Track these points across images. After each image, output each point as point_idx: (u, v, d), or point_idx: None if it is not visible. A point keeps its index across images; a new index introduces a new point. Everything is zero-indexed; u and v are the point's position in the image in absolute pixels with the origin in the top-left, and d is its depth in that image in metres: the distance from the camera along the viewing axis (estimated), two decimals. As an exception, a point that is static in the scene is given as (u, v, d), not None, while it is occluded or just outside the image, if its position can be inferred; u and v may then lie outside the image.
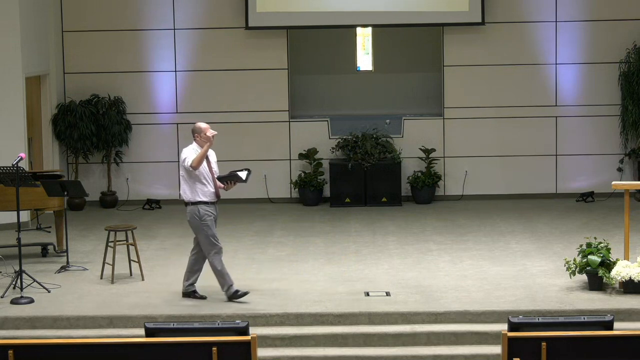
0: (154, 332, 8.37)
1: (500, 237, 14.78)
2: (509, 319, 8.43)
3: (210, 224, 11.59)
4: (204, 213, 11.56)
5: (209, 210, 11.60)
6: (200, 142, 11.65)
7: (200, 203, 11.57)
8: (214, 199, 11.68)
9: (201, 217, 11.56)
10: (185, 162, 11.53)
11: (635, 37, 17.49)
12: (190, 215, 11.61)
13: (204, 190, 11.61)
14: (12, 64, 15.88)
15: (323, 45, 18.62)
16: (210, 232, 11.60)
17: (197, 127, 11.71)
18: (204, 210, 11.56)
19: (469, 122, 17.86)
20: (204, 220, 11.57)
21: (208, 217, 11.58)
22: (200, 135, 11.64)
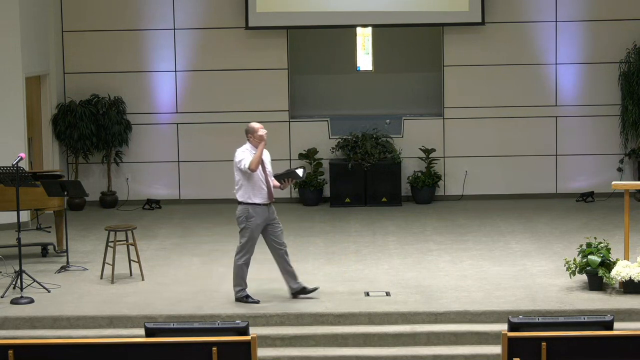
0: (154, 332, 8.37)
1: (500, 237, 14.78)
2: (509, 319, 8.43)
3: (253, 227, 11.46)
4: (252, 215, 11.43)
5: (258, 213, 11.44)
6: (253, 142, 11.54)
7: (252, 204, 11.46)
8: (268, 200, 11.54)
9: (248, 219, 11.47)
10: (241, 164, 11.41)
11: (635, 37, 17.49)
12: (239, 214, 11.51)
13: (257, 191, 11.50)
14: (12, 64, 15.88)
15: (323, 45, 18.62)
16: (250, 235, 11.49)
17: (250, 127, 11.60)
18: (253, 213, 11.43)
19: (469, 122, 17.86)
20: (249, 223, 11.46)
21: (253, 223, 11.45)
22: (253, 135, 11.53)
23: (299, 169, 11.69)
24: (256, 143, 11.56)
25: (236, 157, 11.56)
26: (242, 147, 11.62)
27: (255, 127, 11.60)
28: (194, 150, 17.92)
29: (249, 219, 11.48)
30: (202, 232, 15.55)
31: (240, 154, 11.54)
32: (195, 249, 14.37)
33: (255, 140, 11.56)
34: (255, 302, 11.55)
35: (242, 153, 11.54)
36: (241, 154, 11.54)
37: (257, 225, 11.50)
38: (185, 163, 17.96)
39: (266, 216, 11.53)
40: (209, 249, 14.35)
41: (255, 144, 11.57)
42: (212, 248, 14.44)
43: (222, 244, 14.65)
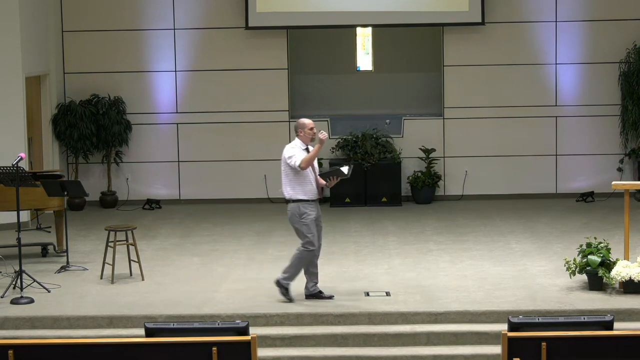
0: (154, 332, 8.37)
1: (500, 237, 14.78)
2: (509, 319, 8.43)
3: (309, 223, 11.43)
4: (304, 212, 11.40)
5: (309, 209, 11.42)
6: (303, 138, 11.46)
7: (301, 201, 11.42)
8: (316, 197, 11.50)
9: (301, 216, 11.43)
10: (292, 161, 11.32)
11: (635, 37, 17.49)
12: (291, 212, 11.47)
13: (306, 188, 11.43)
14: (12, 64, 15.89)
15: (323, 45, 18.62)
16: (308, 231, 11.45)
17: (300, 122, 11.53)
18: (305, 209, 11.40)
19: (469, 122, 17.86)
20: (304, 219, 11.43)
21: (308, 217, 11.42)
22: (303, 130, 11.46)
23: (344, 166, 11.56)
24: (306, 139, 11.46)
25: (285, 153, 11.44)
26: (291, 143, 11.54)
27: (305, 122, 11.49)
28: (194, 150, 17.93)
29: (302, 216, 11.43)
30: (202, 232, 15.55)
31: (289, 150, 11.43)
32: (195, 249, 14.37)
33: (305, 136, 11.46)
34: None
35: (291, 149, 11.43)
36: (291, 150, 11.43)
37: (311, 220, 11.44)
38: (185, 163, 17.96)
39: (316, 212, 11.49)
40: (209, 249, 14.35)
41: (304, 139, 11.46)
42: (212, 248, 14.44)
43: (222, 244, 14.65)
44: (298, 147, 11.45)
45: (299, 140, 11.51)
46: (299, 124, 11.54)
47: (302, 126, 11.50)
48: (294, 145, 11.50)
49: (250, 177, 17.90)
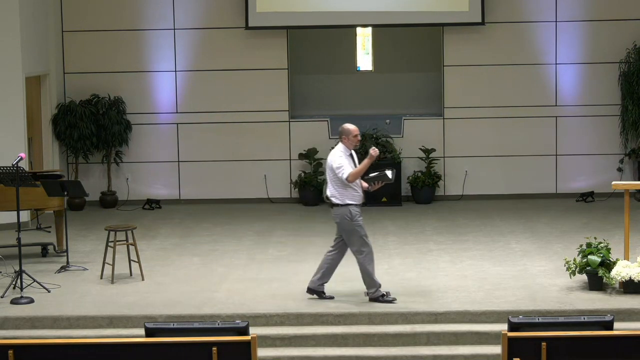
0: (154, 332, 8.37)
1: (500, 237, 14.78)
2: (509, 319, 8.43)
3: (362, 223, 11.39)
4: (355, 213, 11.35)
5: (358, 211, 11.39)
6: (347, 143, 11.39)
7: (350, 205, 11.36)
8: (362, 201, 11.49)
9: (353, 218, 11.37)
10: (340, 172, 11.25)
11: (635, 37, 17.49)
12: (340, 217, 11.39)
13: (353, 193, 11.38)
14: (12, 64, 15.89)
15: (323, 45, 18.63)
16: (363, 232, 11.41)
17: (344, 128, 11.43)
18: (355, 211, 11.36)
19: (469, 122, 17.86)
20: (356, 220, 11.37)
21: (359, 217, 11.38)
22: (348, 137, 11.37)
23: (388, 170, 11.50)
24: (350, 145, 11.39)
25: (333, 161, 11.33)
26: (337, 150, 11.43)
27: (350, 129, 11.39)
28: (194, 150, 17.93)
29: (353, 219, 11.37)
30: (202, 232, 15.55)
31: (337, 160, 11.32)
32: (195, 249, 14.37)
33: (349, 142, 11.39)
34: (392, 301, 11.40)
35: (339, 158, 11.31)
36: (338, 159, 11.31)
37: (362, 220, 11.43)
38: (185, 163, 17.96)
39: (361, 215, 11.45)
40: (209, 249, 14.35)
41: (348, 145, 11.39)
42: (212, 248, 14.44)
43: (222, 244, 14.65)
44: (344, 155, 11.34)
45: (342, 146, 11.42)
46: (343, 130, 11.43)
47: (346, 132, 11.40)
48: (340, 151, 11.38)
49: (250, 177, 17.90)
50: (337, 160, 11.33)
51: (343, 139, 11.43)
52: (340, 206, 11.40)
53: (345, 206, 11.37)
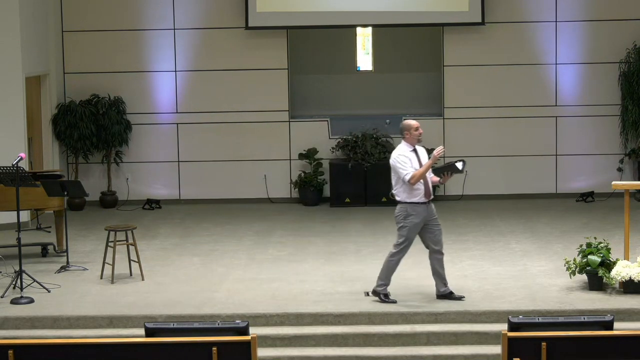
0: (154, 332, 8.37)
1: (500, 237, 14.78)
2: (509, 319, 8.43)
3: (411, 227, 11.29)
4: (411, 214, 11.27)
5: (417, 211, 11.27)
6: (409, 140, 11.32)
7: (411, 203, 11.28)
8: (426, 199, 11.35)
9: (406, 218, 11.30)
10: (402, 174, 11.19)
11: (635, 37, 17.49)
12: (399, 211, 11.34)
13: (417, 191, 11.28)
14: (12, 64, 15.89)
15: (323, 45, 18.63)
16: (407, 234, 11.33)
17: (405, 124, 11.37)
18: (412, 211, 11.26)
19: (469, 122, 17.86)
20: (407, 221, 11.30)
21: (412, 221, 11.29)
22: (409, 132, 11.31)
23: (458, 162, 11.40)
24: (412, 140, 11.32)
25: (397, 161, 11.27)
26: (399, 148, 11.35)
27: (411, 123, 11.33)
28: (194, 150, 17.93)
29: (406, 218, 11.31)
30: (202, 232, 15.55)
31: (400, 159, 11.25)
32: (195, 249, 14.37)
33: (411, 137, 11.32)
34: (392, 302, 11.39)
35: (400, 157, 11.23)
36: (401, 158, 11.24)
37: (415, 225, 11.32)
38: (185, 163, 17.96)
39: (425, 215, 11.35)
40: (209, 249, 14.35)
41: (411, 141, 11.33)
42: (212, 248, 14.44)
43: (222, 244, 14.65)
44: (407, 153, 11.27)
45: (404, 144, 11.36)
46: (404, 126, 11.37)
47: (407, 127, 11.34)
48: (402, 150, 11.31)
49: (250, 177, 17.90)
50: (400, 159, 11.26)
51: (405, 135, 11.36)
52: (401, 203, 11.35)
53: (405, 204, 11.31)
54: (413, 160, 11.33)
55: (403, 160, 11.27)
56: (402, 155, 11.32)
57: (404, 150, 11.37)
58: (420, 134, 11.40)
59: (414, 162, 11.33)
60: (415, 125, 11.34)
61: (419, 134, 11.37)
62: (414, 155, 11.36)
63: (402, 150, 11.37)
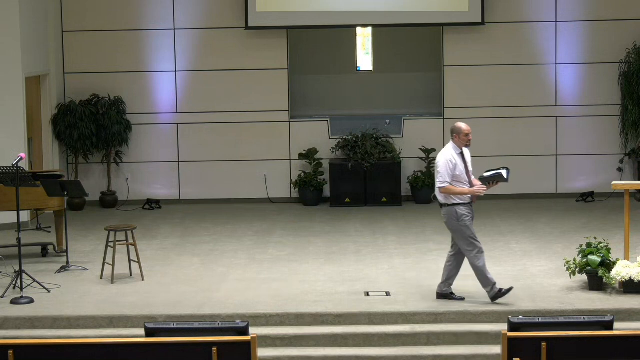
0: (154, 332, 8.37)
1: (500, 237, 14.78)
2: (509, 319, 8.43)
3: (469, 224, 11.26)
4: (462, 214, 11.23)
5: (465, 211, 11.26)
6: (458, 142, 11.28)
7: (457, 205, 11.25)
8: (469, 200, 11.32)
9: (459, 218, 11.25)
10: (438, 179, 11.19)
11: (635, 37, 17.49)
12: (448, 217, 11.30)
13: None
14: (12, 64, 15.89)
15: (323, 45, 18.63)
16: (469, 232, 11.28)
17: (456, 127, 11.33)
18: (462, 211, 11.24)
19: (469, 122, 17.70)
20: (463, 220, 11.25)
21: (466, 218, 11.25)
22: (459, 136, 11.26)
23: (503, 169, 11.40)
24: (460, 143, 11.28)
25: (438, 165, 11.25)
26: (447, 150, 11.30)
27: (462, 128, 11.30)
28: (194, 150, 17.93)
29: (460, 219, 11.25)
30: (202, 232, 15.55)
31: (441, 162, 11.22)
32: (195, 249, 14.37)
33: (459, 141, 11.28)
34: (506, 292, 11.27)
35: (444, 162, 11.20)
36: (443, 162, 11.21)
37: (470, 221, 11.29)
38: (185, 163, 17.97)
39: (472, 214, 11.34)
40: (209, 249, 14.35)
41: (459, 144, 11.29)
42: (212, 248, 14.44)
43: (222, 244, 14.66)
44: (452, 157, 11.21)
45: (452, 145, 11.32)
46: (455, 129, 11.33)
47: (457, 131, 11.30)
48: (449, 153, 11.26)
49: (250, 177, 17.90)
50: (441, 165, 11.24)
51: (454, 137, 11.32)
52: (446, 206, 11.30)
53: (452, 206, 11.27)
54: (459, 164, 11.28)
55: (444, 166, 11.21)
56: (448, 160, 11.23)
57: (450, 153, 11.30)
58: (469, 140, 11.36)
59: (460, 166, 11.28)
60: (466, 130, 11.31)
61: (468, 140, 11.35)
62: (460, 159, 11.32)
63: (449, 153, 11.29)
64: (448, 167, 11.23)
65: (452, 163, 11.26)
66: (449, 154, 11.31)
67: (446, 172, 11.22)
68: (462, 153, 11.39)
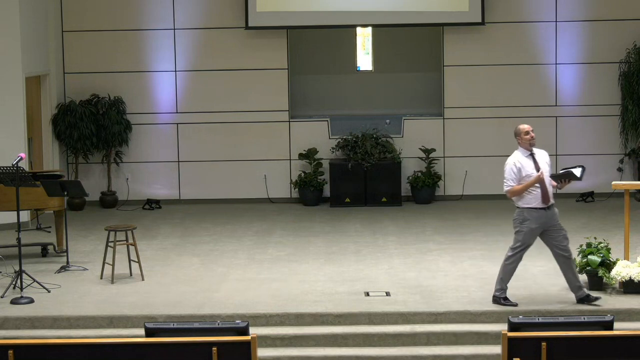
0: (154, 332, 8.37)
1: (500, 237, 14.77)
2: (509, 319, 8.43)
3: (527, 232, 11.14)
4: (527, 219, 11.13)
5: (533, 217, 11.12)
6: (523, 144, 11.16)
7: (527, 208, 11.16)
8: (542, 204, 11.17)
9: (522, 222, 11.19)
10: (504, 184, 11.16)
11: (635, 37, 17.50)
12: (516, 216, 11.26)
13: (531, 197, 11.16)
14: (12, 64, 15.89)
15: (323, 45, 18.63)
16: (522, 239, 11.20)
17: (516, 130, 11.22)
18: (529, 216, 11.12)
19: (469, 122, 17.86)
20: (524, 225, 11.17)
21: (528, 226, 11.14)
22: (520, 137, 11.16)
23: (576, 168, 11.27)
24: (525, 145, 11.17)
25: (505, 170, 11.22)
26: (514, 155, 11.22)
27: (520, 128, 11.18)
28: (194, 150, 17.93)
29: (522, 223, 11.18)
30: (202, 232, 15.55)
31: (506, 169, 11.18)
32: (195, 249, 14.37)
33: (523, 142, 11.17)
34: (513, 305, 11.22)
35: (508, 168, 11.16)
36: (507, 169, 11.17)
37: (530, 230, 11.17)
38: (185, 163, 17.97)
39: (543, 221, 11.19)
40: (209, 249, 14.35)
41: (524, 146, 11.18)
42: (212, 248, 14.44)
43: (222, 244, 14.65)
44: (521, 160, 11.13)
45: (520, 150, 11.22)
46: (515, 131, 11.22)
47: (517, 133, 11.21)
48: (516, 158, 11.17)
49: (250, 177, 17.90)
50: (506, 170, 11.20)
51: (518, 141, 11.24)
52: (518, 208, 11.27)
53: (522, 209, 11.21)
54: (527, 166, 11.16)
55: (508, 171, 11.18)
56: (514, 165, 11.17)
57: (516, 157, 11.23)
58: (532, 138, 11.19)
59: (529, 168, 11.16)
60: (525, 129, 11.19)
61: (530, 138, 11.18)
62: (530, 161, 11.19)
63: (516, 158, 11.22)
64: (512, 171, 11.17)
65: (516, 167, 11.16)
66: (514, 158, 11.21)
67: (510, 176, 11.17)
68: (533, 155, 11.23)
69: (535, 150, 11.28)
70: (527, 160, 11.22)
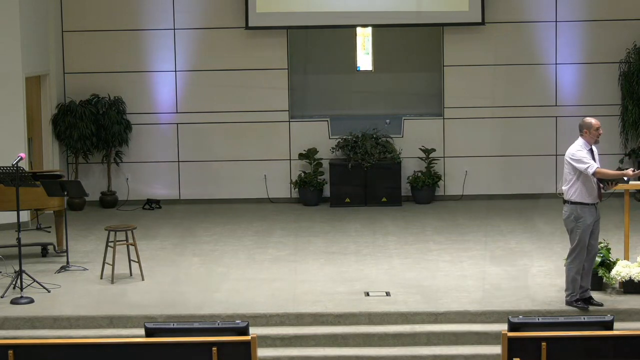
0: (154, 332, 8.37)
1: (500, 237, 14.78)
2: (509, 319, 8.43)
3: (584, 228, 11.09)
4: (581, 215, 11.09)
5: (587, 213, 11.08)
6: (588, 138, 11.07)
7: (582, 204, 11.10)
8: (596, 200, 11.13)
9: (577, 219, 11.13)
10: (583, 167, 10.97)
11: (635, 37, 17.49)
12: (567, 214, 11.19)
13: (588, 191, 11.10)
14: (12, 64, 15.89)
15: (323, 45, 18.62)
16: (580, 237, 11.14)
17: (586, 122, 11.15)
18: (582, 213, 11.08)
19: (469, 122, 17.86)
20: (580, 223, 11.12)
21: (584, 222, 11.09)
22: (589, 131, 11.07)
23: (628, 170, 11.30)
24: (590, 139, 11.09)
25: (574, 155, 11.08)
26: (577, 144, 11.16)
27: (592, 123, 11.11)
28: (194, 150, 17.93)
29: (578, 220, 11.13)
30: (202, 232, 15.55)
31: (577, 153, 11.06)
32: (195, 249, 14.37)
33: (590, 136, 11.09)
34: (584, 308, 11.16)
35: (578, 152, 11.05)
36: (578, 152, 11.06)
37: (587, 226, 11.13)
38: (185, 163, 17.96)
39: (594, 216, 11.18)
40: (209, 249, 14.35)
41: (589, 140, 11.10)
42: (212, 248, 14.44)
43: (222, 244, 14.65)
44: (584, 149, 11.08)
45: (582, 140, 11.15)
46: (584, 124, 11.17)
47: (588, 126, 11.13)
48: (579, 146, 11.12)
49: (250, 177, 17.90)
50: (577, 155, 11.07)
51: (584, 133, 11.15)
52: (570, 203, 11.19)
53: (575, 204, 11.15)
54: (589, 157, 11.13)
55: (583, 155, 11.06)
56: (582, 150, 11.09)
57: (581, 146, 11.15)
58: (600, 135, 11.17)
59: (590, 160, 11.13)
60: (597, 125, 11.14)
61: (599, 134, 11.16)
62: (590, 155, 11.15)
63: (580, 146, 11.15)
64: (586, 155, 11.05)
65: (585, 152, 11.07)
66: (577, 147, 11.13)
67: (586, 158, 11.03)
68: (592, 150, 11.20)
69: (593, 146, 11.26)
70: (588, 154, 11.16)
